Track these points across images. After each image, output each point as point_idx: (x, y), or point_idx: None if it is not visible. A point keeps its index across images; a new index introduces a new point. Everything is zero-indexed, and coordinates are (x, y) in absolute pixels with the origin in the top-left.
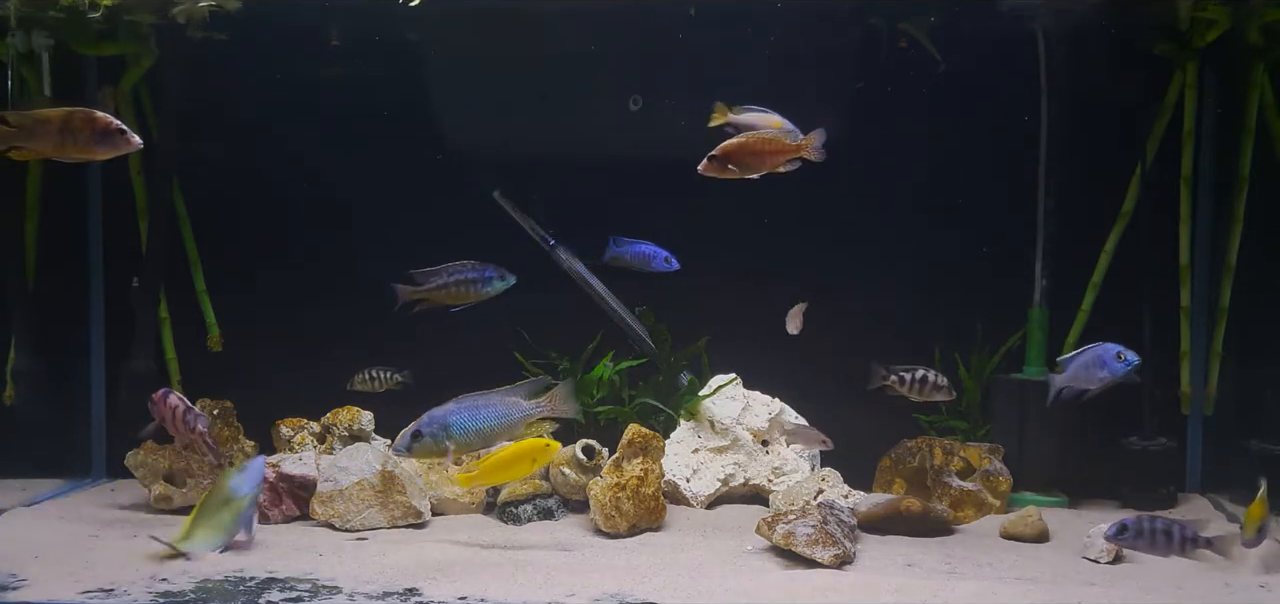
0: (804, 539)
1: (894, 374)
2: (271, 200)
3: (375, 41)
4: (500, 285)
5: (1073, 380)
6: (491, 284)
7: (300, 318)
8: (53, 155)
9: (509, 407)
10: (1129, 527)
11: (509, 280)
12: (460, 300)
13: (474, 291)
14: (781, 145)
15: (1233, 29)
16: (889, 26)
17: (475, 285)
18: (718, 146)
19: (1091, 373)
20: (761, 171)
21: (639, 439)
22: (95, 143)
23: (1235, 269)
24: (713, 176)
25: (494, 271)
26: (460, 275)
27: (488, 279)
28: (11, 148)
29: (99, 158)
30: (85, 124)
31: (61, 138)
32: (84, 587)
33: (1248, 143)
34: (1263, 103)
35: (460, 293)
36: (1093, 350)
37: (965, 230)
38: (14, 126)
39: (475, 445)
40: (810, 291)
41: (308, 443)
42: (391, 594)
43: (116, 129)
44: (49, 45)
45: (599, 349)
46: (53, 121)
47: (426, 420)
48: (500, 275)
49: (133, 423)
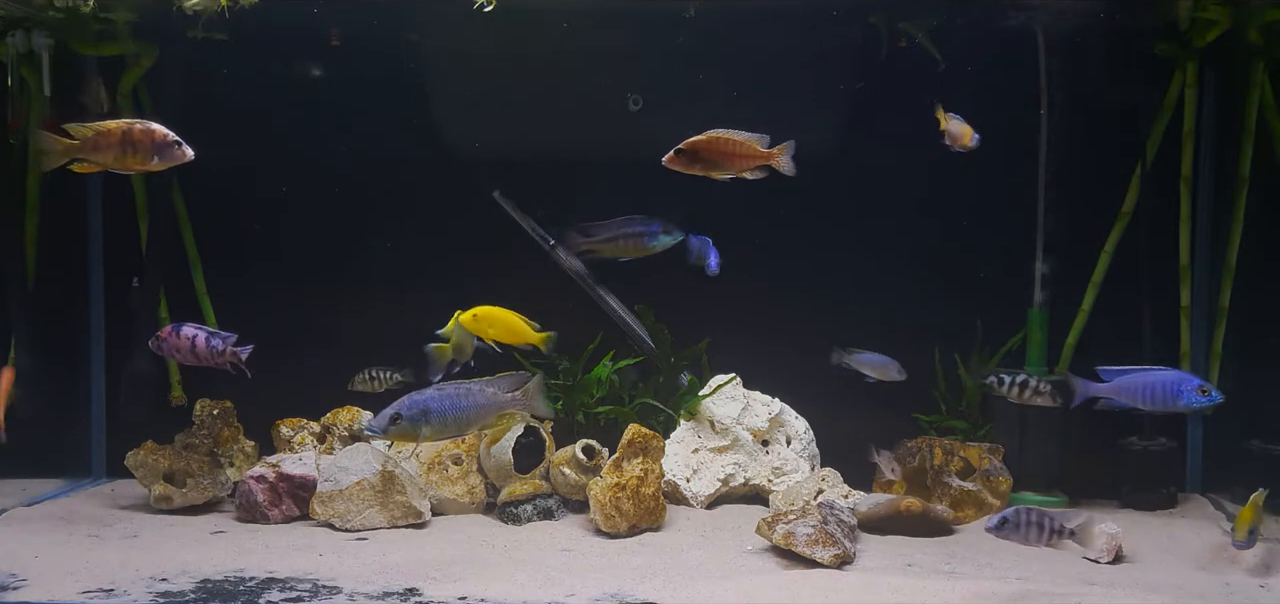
0: (804, 539)
1: (995, 376)
2: (272, 200)
3: (376, 41)
4: (667, 240)
5: (1125, 396)
6: (658, 238)
7: (300, 318)
8: (113, 167)
9: (486, 398)
10: (1008, 519)
11: (675, 236)
12: (627, 253)
13: (641, 245)
14: (751, 150)
15: (1233, 29)
16: (889, 26)
17: (642, 239)
18: (685, 141)
19: (1159, 398)
20: (728, 173)
21: (639, 439)
22: (153, 155)
23: (1235, 269)
24: (680, 171)
25: (659, 225)
26: (629, 229)
27: (654, 233)
28: (74, 161)
29: (155, 169)
30: (144, 137)
31: (122, 150)
32: (84, 587)
33: (1248, 143)
34: (1263, 103)
35: (628, 246)
36: (1161, 374)
37: (965, 230)
38: (77, 140)
39: (450, 433)
40: (810, 291)
41: (308, 443)
42: (391, 594)
43: (173, 141)
44: (49, 45)
45: (599, 349)
46: (113, 134)
47: (407, 404)
48: (666, 230)
49: (133, 423)
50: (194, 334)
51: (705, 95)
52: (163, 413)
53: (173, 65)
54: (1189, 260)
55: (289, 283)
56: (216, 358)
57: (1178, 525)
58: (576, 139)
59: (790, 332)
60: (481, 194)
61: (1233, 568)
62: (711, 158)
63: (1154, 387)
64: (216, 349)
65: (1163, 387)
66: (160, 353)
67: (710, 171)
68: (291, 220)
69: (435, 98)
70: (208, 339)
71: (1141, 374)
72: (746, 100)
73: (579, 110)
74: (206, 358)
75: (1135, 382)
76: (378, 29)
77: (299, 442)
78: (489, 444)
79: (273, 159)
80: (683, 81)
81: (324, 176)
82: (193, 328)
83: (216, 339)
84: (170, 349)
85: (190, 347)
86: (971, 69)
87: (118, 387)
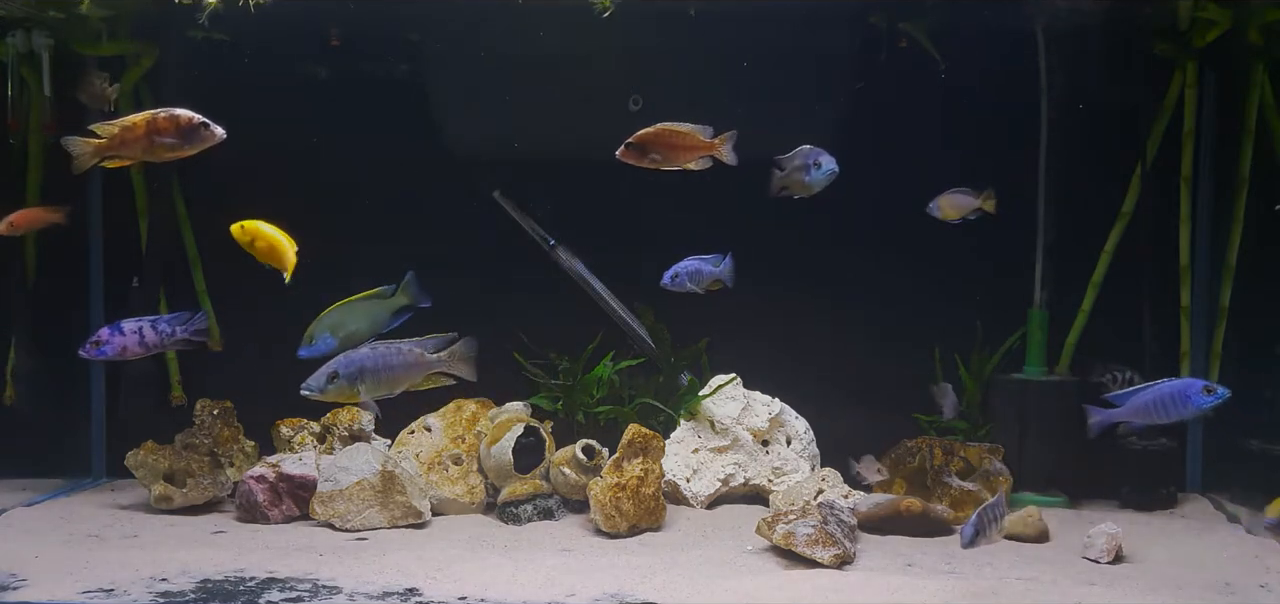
0: (804, 539)
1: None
2: (272, 200)
3: (376, 40)
4: (822, 175)
5: (1138, 415)
6: (823, 171)
7: (300, 318)
8: (145, 158)
9: (414, 357)
10: (979, 531)
11: (826, 169)
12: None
13: (807, 180)
14: (696, 141)
15: (1233, 29)
16: (889, 26)
17: (807, 173)
18: (635, 134)
19: (1170, 410)
20: (677, 165)
21: (639, 439)
22: (181, 141)
23: (1235, 269)
24: (632, 164)
25: (822, 155)
26: (801, 161)
27: (820, 167)
28: (105, 158)
29: (187, 155)
30: (169, 124)
31: (149, 140)
32: (84, 587)
33: (1248, 143)
34: (1263, 103)
35: (801, 182)
36: (1166, 386)
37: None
38: (104, 139)
39: (383, 390)
40: (810, 291)
41: (308, 443)
42: (391, 594)
43: (199, 124)
44: (49, 45)
45: (599, 349)
46: (139, 127)
47: (343, 362)
48: (817, 163)
49: (133, 423)
50: (138, 326)
51: (705, 95)
52: (163, 413)
53: (173, 64)
54: (1189, 260)
55: (290, 282)
56: (170, 342)
57: (1177, 525)
58: (576, 140)
59: (790, 332)
60: (482, 194)
61: (1232, 569)
62: (661, 150)
63: (1162, 399)
64: (168, 334)
65: (1172, 397)
66: (99, 357)
67: (659, 164)
68: (293, 219)
69: (436, 98)
70: (154, 325)
71: (1148, 391)
72: (746, 100)
73: (579, 110)
74: (159, 345)
75: (1145, 399)
76: (379, 29)
77: (299, 442)
78: (489, 444)
79: (274, 158)
80: (683, 82)
81: (325, 176)
82: (134, 321)
83: (164, 323)
84: (114, 350)
85: (138, 341)
86: (971, 69)
87: (118, 387)
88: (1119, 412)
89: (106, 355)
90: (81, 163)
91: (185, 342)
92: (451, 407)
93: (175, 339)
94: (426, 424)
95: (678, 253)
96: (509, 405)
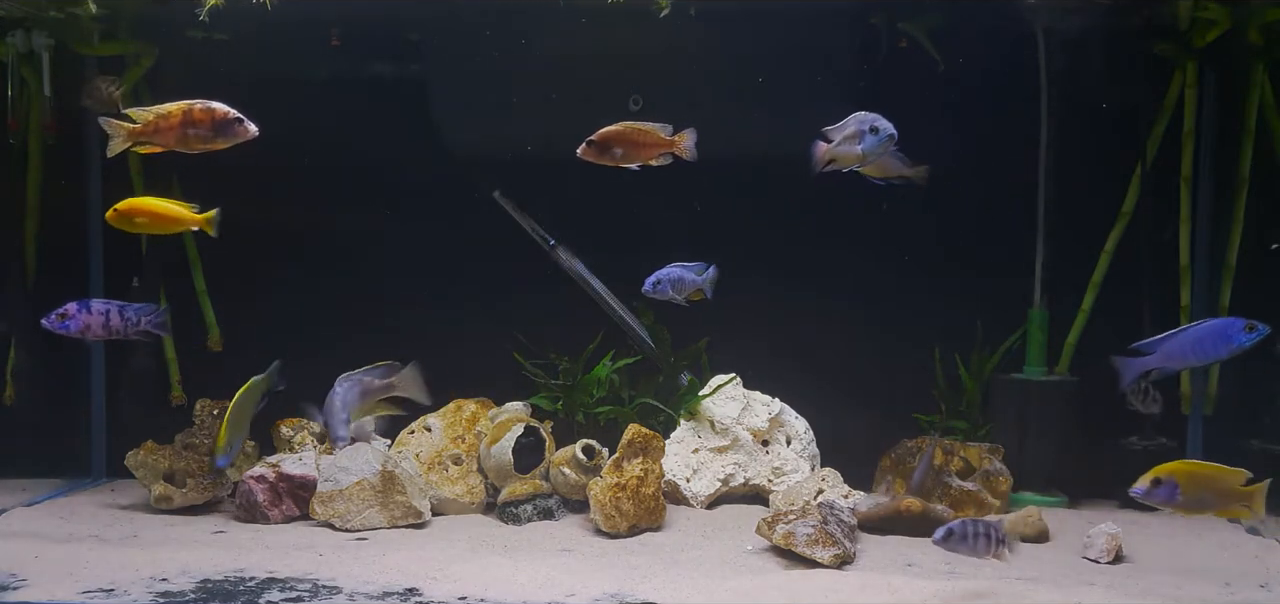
0: (804, 539)
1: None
2: (272, 200)
3: (376, 40)
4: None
5: (1173, 359)
6: (881, 139)
7: (300, 318)
8: (176, 147)
9: (366, 384)
10: (954, 532)
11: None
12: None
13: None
14: (655, 138)
15: (1233, 29)
16: (889, 26)
17: (861, 141)
18: (596, 132)
19: (1208, 349)
20: (638, 162)
21: (639, 439)
22: (215, 134)
23: (1235, 269)
24: (592, 161)
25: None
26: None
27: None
28: (137, 144)
29: (219, 148)
30: (205, 116)
31: (183, 131)
32: (84, 587)
33: (1248, 143)
34: (1263, 103)
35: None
36: (1205, 325)
37: (966, 230)
38: (139, 124)
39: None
40: (810, 291)
41: (308, 443)
42: (391, 594)
43: (234, 118)
44: (49, 45)
45: (599, 349)
46: (174, 116)
47: (330, 420)
48: (873, 128)
49: (133, 423)
50: (106, 308)
51: (705, 96)
52: (163, 413)
53: (172, 65)
54: (1189, 260)
55: (289, 283)
56: (133, 331)
57: (1178, 525)
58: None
59: (790, 332)
60: (483, 193)
61: (1232, 569)
62: (622, 146)
63: (1201, 340)
64: (132, 322)
65: (1212, 337)
66: (64, 332)
67: (621, 161)
68: (292, 219)
69: (436, 97)
70: (122, 311)
71: (1184, 332)
72: (746, 101)
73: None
74: (121, 331)
75: (1181, 342)
76: (379, 29)
77: (299, 442)
78: (489, 444)
79: (274, 158)
80: (684, 82)
81: (325, 176)
82: (103, 303)
83: (130, 311)
84: (78, 327)
85: (103, 322)
86: (971, 69)
87: (118, 387)
88: (1151, 358)
89: (69, 331)
90: (114, 147)
91: (144, 333)
92: (451, 407)
93: (137, 328)
94: (427, 424)
95: (677, 253)
96: (509, 405)
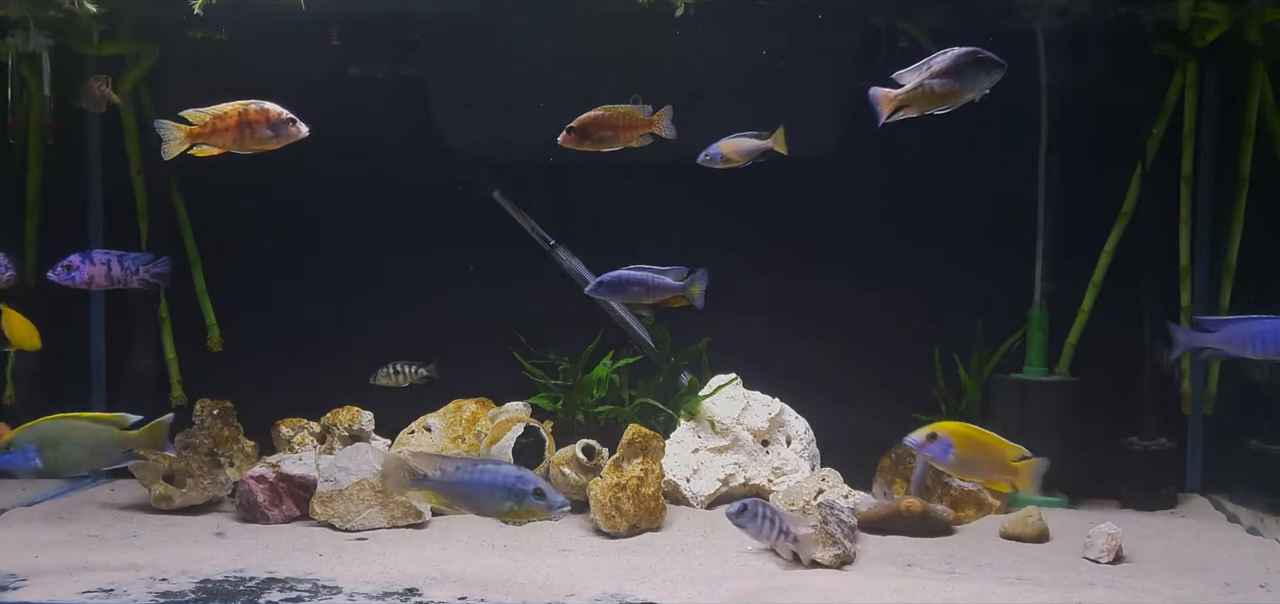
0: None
1: None
2: (272, 200)
3: (376, 40)
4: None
5: (1233, 344)
6: (977, 78)
7: (300, 318)
8: (232, 148)
9: None
10: (747, 507)
11: (995, 76)
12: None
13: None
14: (634, 120)
15: (1233, 29)
16: (889, 26)
17: (958, 77)
18: (576, 119)
19: (1273, 344)
20: (618, 145)
21: (639, 439)
22: (271, 133)
23: (1235, 269)
24: (572, 148)
25: (985, 56)
26: (951, 62)
27: (982, 73)
28: (193, 145)
29: (272, 148)
30: (260, 116)
31: (240, 132)
32: (84, 587)
33: (1248, 143)
34: (1263, 103)
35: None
36: (1273, 321)
37: (966, 230)
38: (196, 126)
39: None
40: (811, 291)
41: (308, 443)
42: (391, 594)
43: (288, 119)
44: (49, 45)
45: (599, 349)
46: (230, 117)
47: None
48: (987, 69)
49: None
50: (107, 258)
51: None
52: (163, 413)
53: (172, 65)
54: (1189, 260)
55: (289, 283)
56: (133, 279)
57: (1177, 525)
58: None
59: (790, 332)
60: (483, 193)
61: (1232, 569)
62: (603, 131)
63: (1266, 334)
64: (132, 271)
65: (1275, 334)
66: (69, 283)
67: (600, 146)
68: (292, 220)
69: (436, 97)
70: (121, 260)
71: (1251, 322)
72: (746, 100)
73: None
74: (123, 281)
75: (1246, 330)
76: (379, 29)
77: (299, 441)
78: (489, 444)
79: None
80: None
81: (325, 176)
82: (103, 254)
83: (129, 260)
84: (82, 278)
85: (105, 272)
86: None
87: (118, 387)
88: (1211, 336)
89: (74, 282)
90: (171, 149)
91: (144, 282)
92: (451, 406)
93: (137, 277)
94: (426, 424)
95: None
96: (509, 405)
